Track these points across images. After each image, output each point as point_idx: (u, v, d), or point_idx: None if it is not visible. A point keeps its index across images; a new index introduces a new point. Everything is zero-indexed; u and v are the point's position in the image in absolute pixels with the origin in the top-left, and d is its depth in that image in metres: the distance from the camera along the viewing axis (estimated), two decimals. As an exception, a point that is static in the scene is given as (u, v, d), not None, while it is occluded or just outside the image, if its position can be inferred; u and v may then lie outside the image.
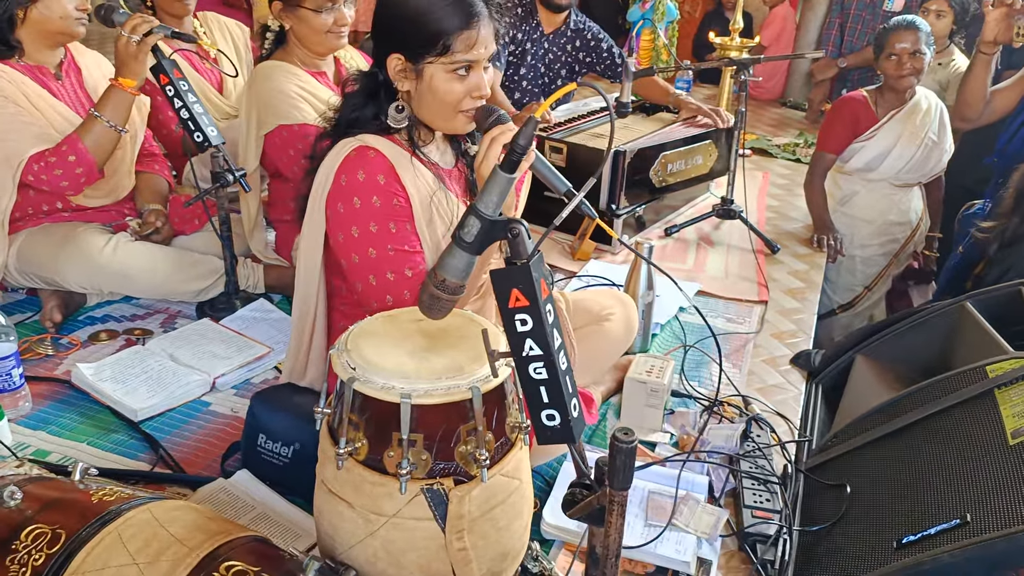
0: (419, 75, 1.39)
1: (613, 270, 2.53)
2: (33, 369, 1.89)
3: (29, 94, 1.99)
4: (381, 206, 1.38)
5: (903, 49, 2.68)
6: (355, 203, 1.38)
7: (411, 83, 1.41)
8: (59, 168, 1.96)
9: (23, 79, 1.99)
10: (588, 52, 3.27)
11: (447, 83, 1.38)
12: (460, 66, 1.37)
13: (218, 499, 1.49)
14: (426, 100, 1.41)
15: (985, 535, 1.17)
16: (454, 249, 1.03)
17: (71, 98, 2.10)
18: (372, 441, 1.08)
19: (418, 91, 1.41)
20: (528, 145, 1.01)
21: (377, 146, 1.40)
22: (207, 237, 2.30)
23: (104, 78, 2.19)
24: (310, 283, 1.51)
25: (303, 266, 1.51)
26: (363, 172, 1.38)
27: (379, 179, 1.38)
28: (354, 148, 1.40)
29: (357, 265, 1.40)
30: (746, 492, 1.56)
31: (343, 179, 1.39)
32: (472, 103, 1.40)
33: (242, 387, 1.90)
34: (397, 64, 1.39)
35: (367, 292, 1.41)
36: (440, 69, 1.37)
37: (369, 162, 1.39)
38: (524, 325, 0.98)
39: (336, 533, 1.13)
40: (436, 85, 1.38)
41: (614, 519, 0.93)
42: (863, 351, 1.98)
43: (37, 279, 2.08)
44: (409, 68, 1.39)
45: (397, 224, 1.40)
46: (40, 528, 1.03)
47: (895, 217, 2.94)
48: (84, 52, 2.21)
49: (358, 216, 1.38)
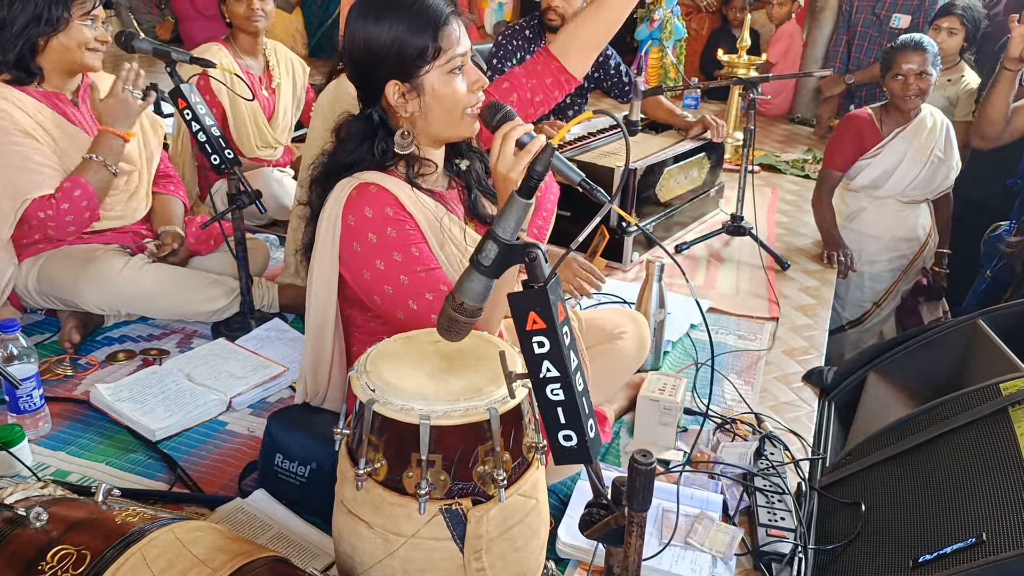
0: (420, 90, 1.41)
1: (624, 288, 2.54)
2: (52, 390, 1.91)
3: (45, 122, 2.02)
4: (397, 235, 1.39)
5: (909, 70, 2.70)
6: (371, 239, 1.39)
7: (415, 102, 1.42)
8: (66, 203, 2.00)
9: (39, 106, 2.03)
10: (596, 68, 3.30)
11: (449, 84, 1.40)
12: (453, 65, 1.40)
13: (236, 519, 1.51)
14: (433, 112, 1.42)
15: (1001, 554, 1.17)
16: (472, 273, 1.04)
17: (87, 123, 2.14)
18: (391, 462, 1.10)
19: (423, 107, 1.42)
20: (545, 172, 1.03)
21: (376, 180, 1.41)
22: (222, 257, 2.33)
23: None
24: (325, 326, 1.49)
25: (315, 312, 1.49)
26: (370, 208, 1.39)
27: (387, 211, 1.39)
28: (354, 187, 1.40)
29: (392, 295, 1.40)
30: (761, 510, 1.56)
31: (351, 219, 1.40)
32: (475, 98, 1.43)
33: (258, 406, 1.92)
34: (396, 90, 1.40)
35: (410, 318, 1.40)
36: (438, 74, 1.40)
37: (373, 197, 1.40)
38: (541, 347, 0.99)
39: (355, 553, 1.14)
40: (440, 90, 1.40)
41: (633, 540, 0.94)
42: (876, 368, 1.98)
43: (56, 301, 2.11)
44: (408, 88, 1.40)
45: (417, 247, 1.41)
46: (66, 549, 1.04)
47: (903, 233, 2.95)
48: (101, 76, 2.26)
49: (378, 250, 1.39)
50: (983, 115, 2.70)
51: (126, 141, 2.09)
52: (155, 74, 4.48)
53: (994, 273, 2.74)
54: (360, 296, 1.47)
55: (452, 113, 1.43)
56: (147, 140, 2.29)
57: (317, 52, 5.52)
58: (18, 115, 1.98)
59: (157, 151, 2.33)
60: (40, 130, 2.01)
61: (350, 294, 1.49)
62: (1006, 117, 2.65)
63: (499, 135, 1.28)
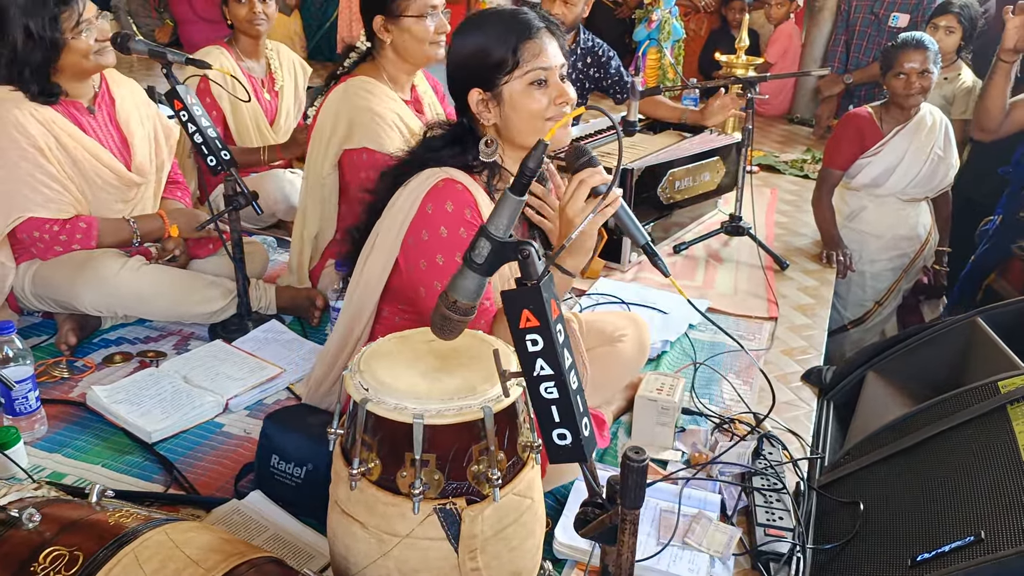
0: (500, 100, 1.43)
1: (622, 288, 2.54)
2: (49, 392, 1.91)
3: (59, 133, 2.03)
4: (467, 238, 1.40)
5: (912, 69, 2.69)
6: (442, 232, 1.41)
7: (495, 111, 1.45)
8: (63, 235, 2.05)
9: (54, 117, 2.03)
10: (598, 68, 3.30)
11: (528, 96, 1.42)
12: (535, 78, 1.41)
13: (232, 520, 1.50)
14: (513, 122, 1.44)
15: (1000, 552, 1.17)
16: (465, 271, 1.04)
17: (102, 132, 2.14)
18: (385, 461, 1.09)
19: (503, 117, 1.45)
20: (537, 168, 1.02)
21: (463, 181, 1.44)
22: (219, 259, 2.33)
23: (136, 108, 2.24)
24: (366, 306, 1.52)
25: (363, 290, 1.51)
26: (451, 203, 1.41)
27: (466, 212, 1.42)
28: (442, 179, 1.43)
29: (438, 292, 1.41)
30: (759, 510, 1.55)
31: (429, 208, 1.42)
32: (557, 111, 1.44)
33: (255, 408, 1.91)
34: (477, 97, 1.44)
35: None
36: (517, 85, 1.42)
37: (457, 194, 1.42)
38: (535, 345, 0.99)
39: (350, 554, 1.13)
40: (518, 100, 1.42)
41: (626, 538, 0.93)
42: (874, 367, 1.97)
43: (53, 303, 2.11)
44: (488, 97, 1.44)
45: None
46: (58, 550, 1.04)
47: (903, 232, 2.94)
48: (120, 82, 2.25)
49: (444, 246, 1.41)
50: (981, 107, 2.69)
51: (167, 236, 2.19)
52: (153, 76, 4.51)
53: (975, 258, 2.74)
54: (406, 284, 1.49)
55: (532, 122, 1.44)
56: (160, 148, 2.30)
57: (315, 54, 5.53)
58: (33, 128, 1.98)
59: (168, 159, 2.34)
60: (53, 142, 2.01)
61: (388, 283, 1.50)
62: (1004, 109, 2.65)
63: (576, 179, 1.30)
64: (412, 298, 1.49)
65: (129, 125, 2.19)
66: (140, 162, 2.20)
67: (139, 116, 2.24)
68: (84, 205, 2.10)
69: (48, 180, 2.01)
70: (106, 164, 2.11)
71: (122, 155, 2.17)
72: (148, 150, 2.24)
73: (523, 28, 1.41)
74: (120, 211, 2.18)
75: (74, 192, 2.07)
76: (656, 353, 2.20)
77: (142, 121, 2.25)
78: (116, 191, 2.16)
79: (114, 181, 2.14)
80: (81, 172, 2.07)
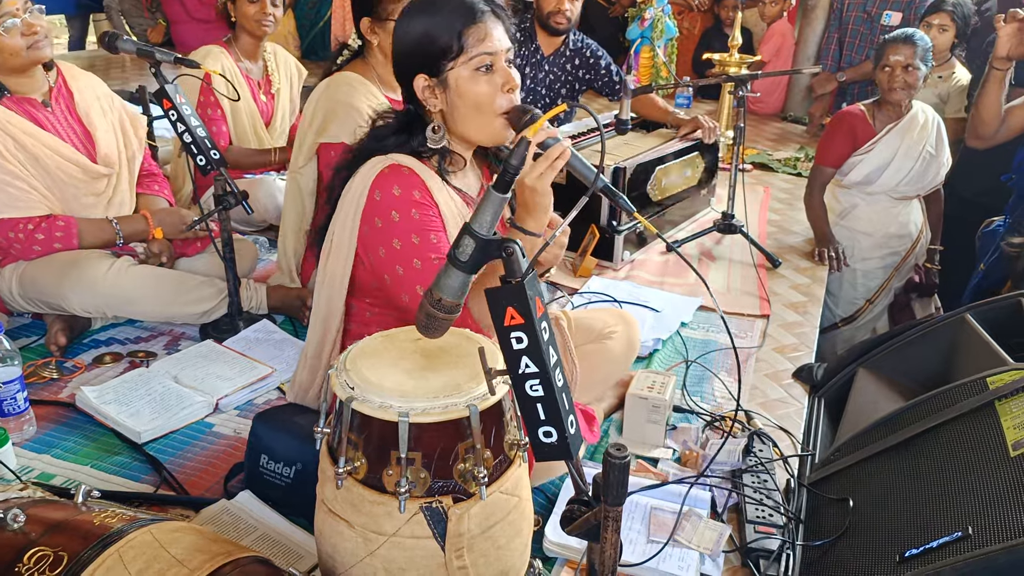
0: (445, 86, 1.41)
1: (615, 286, 2.54)
2: (38, 393, 1.90)
3: (14, 132, 2.00)
4: (420, 218, 1.40)
5: (896, 61, 2.70)
6: (393, 216, 1.40)
7: (441, 98, 1.42)
8: (39, 234, 2.03)
9: (8, 116, 2.00)
10: (588, 70, 3.29)
11: (473, 83, 1.39)
12: (480, 63, 1.38)
13: (221, 520, 1.50)
14: (460, 110, 1.42)
15: (987, 548, 1.17)
16: (449, 268, 1.04)
17: (61, 126, 2.12)
18: (371, 460, 1.09)
19: (450, 104, 1.42)
20: (520, 166, 1.02)
21: (409, 165, 1.43)
22: (210, 259, 2.32)
23: (97, 100, 2.21)
24: (335, 304, 1.51)
25: (329, 288, 1.51)
26: (399, 187, 1.40)
27: (415, 194, 1.40)
28: (388, 165, 1.42)
29: (402, 277, 1.41)
30: (749, 507, 1.55)
31: (377, 195, 1.41)
32: (507, 100, 1.40)
33: (245, 408, 1.91)
34: (423, 84, 1.42)
35: (415, 302, 1.38)
36: (462, 71, 1.39)
37: (404, 177, 1.41)
38: (520, 343, 0.98)
39: (336, 553, 1.13)
40: (463, 88, 1.39)
41: (609, 535, 0.93)
42: (865, 364, 1.97)
43: (41, 304, 2.10)
44: (434, 83, 1.41)
45: (436, 235, 1.41)
46: (43, 551, 1.04)
47: (895, 230, 2.95)
48: (77, 76, 2.22)
49: (398, 230, 1.40)
50: (976, 116, 2.69)
51: (151, 238, 2.19)
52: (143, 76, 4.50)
53: (987, 266, 2.74)
54: (366, 275, 1.48)
55: (479, 113, 1.41)
56: (128, 140, 2.27)
57: (309, 54, 5.52)
58: None
59: (139, 151, 2.31)
60: (10, 142, 1.99)
61: (353, 278, 1.50)
62: (999, 116, 2.65)
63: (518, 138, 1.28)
64: (379, 288, 1.48)
65: (90, 117, 2.17)
66: (105, 153, 2.17)
67: (100, 107, 2.21)
68: (54, 202, 2.08)
69: (10, 179, 1.99)
70: (68, 158, 2.09)
71: (85, 147, 2.15)
72: (114, 141, 2.21)
73: (468, 12, 1.38)
74: (91, 205, 2.16)
75: (40, 189, 2.04)
76: (648, 351, 2.20)
77: (104, 112, 2.22)
78: (83, 184, 2.13)
79: (79, 174, 2.11)
80: (44, 168, 2.04)
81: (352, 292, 1.52)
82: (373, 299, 1.53)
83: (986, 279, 2.78)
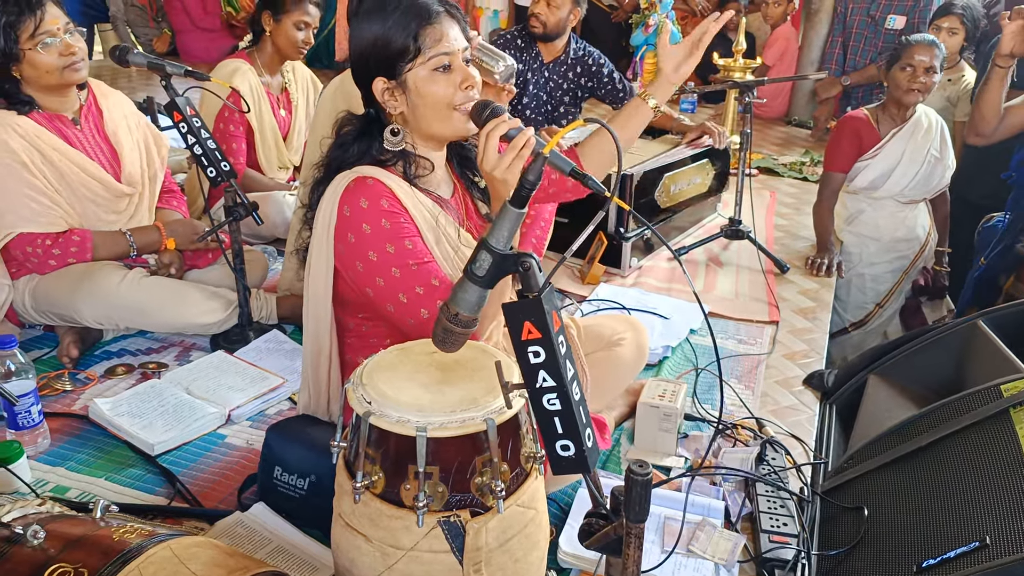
0: (405, 88, 1.41)
1: (623, 293, 2.54)
2: (51, 405, 1.91)
3: (43, 147, 2.01)
4: (391, 227, 1.39)
5: (920, 62, 2.70)
6: (365, 230, 1.39)
7: (401, 99, 1.42)
8: (56, 249, 2.04)
9: (39, 131, 2.02)
10: (589, 78, 3.30)
11: (431, 83, 1.39)
12: (438, 64, 1.38)
13: (235, 533, 1.50)
14: (420, 109, 1.42)
15: (1005, 558, 1.16)
16: (466, 283, 1.04)
17: (89, 144, 2.13)
18: (388, 474, 1.09)
19: (410, 105, 1.42)
20: (537, 181, 1.02)
21: (374, 175, 1.42)
22: (220, 269, 2.33)
23: (124, 119, 2.23)
24: (322, 322, 1.51)
25: (314, 306, 1.51)
26: (365, 199, 1.40)
27: (382, 203, 1.40)
28: (352, 180, 1.42)
29: (383, 288, 1.40)
30: (763, 516, 1.55)
31: (346, 210, 1.40)
32: (465, 97, 1.41)
33: (257, 419, 1.91)
34: (382, 86, 1.41)
35: (400, 311, 1.40)
36: (420, 72, 1.39)
37: (369, 189, 1.40)
38: (537, 357, 0.99)
39: (354, 567, 1.13)
40: (422, 88, 1.40)
41: (632, 551, 0.93)
42: (876, 371, 1.97)
43: (54, 316, 2.11)
44: (393, 85, 1.41)
45: (411, 240, 1.41)
46: (63, 567, 1.04)
47: (902, 234, 2.95)
48: (108, 93, 2.24)
49: (372, 241, 1.39)
50: (977, 112, 2.70)
51: (163, 249, 2.20)
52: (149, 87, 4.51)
53: (988, 260, 2.74)
54: (353, 290, 1.47)
55: (438, 110, 1.41)
56: (151, 159, 2.29)
57: (313, 62, 5.53)
58: (15, 143, 1.97)
59: (161, 170, 2.33)
60: (38, 156, 2.00)
61: (342, 295, 1.49)
62: (999, 114, 2.66)
63: (483, 133, 1.27)
64: (367, 303, 1.48)
65: (117, 136, 2.18)
66: (130, 172, 2.18)
67: (127, 126, 2.23)
68: (75, 218, 2.10)
69: (35, 195, 2.00)
70: (93, 176, 2.10)
71: (111, 166, 2.16)
72: (139, 160, 2.23)
73: (423, 13, 1.38)
74: (112, 223, 2.17)
75: (63, 205, 2.06)
76: (657, 359, 2.20)
77: (131, 131, 2.23)
78: (106, 203, 2.15)
79: (103, 192, 2.13)
80: (68, 185, 2.06)
81: (345, 309, 1.52)
82: (365, 314, 1.52)
83: (987, 271, 2.79)
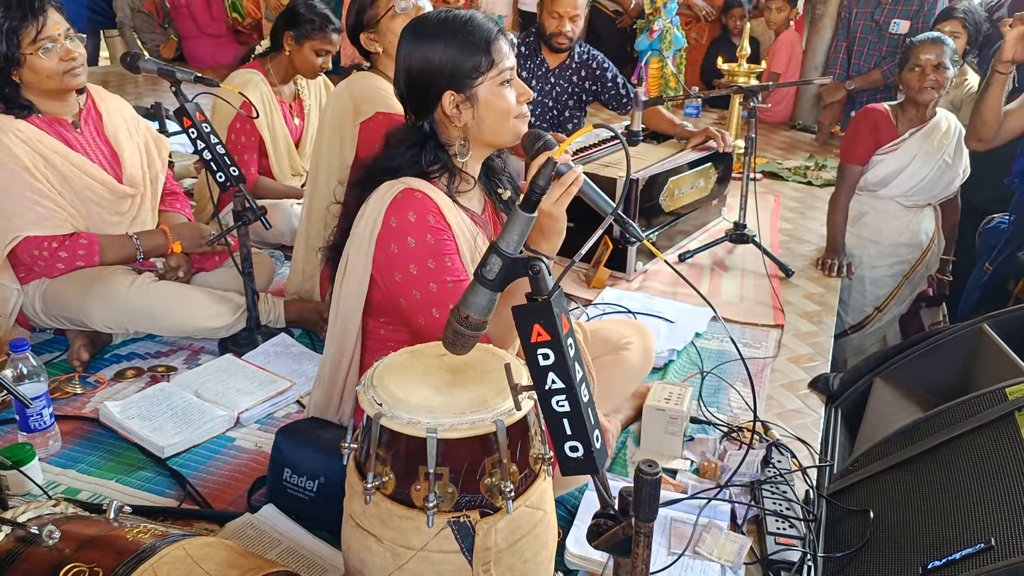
0: (474, 100, 1.47)
1: (628, 297, 2.55)
2: (61, 408, 1.92)
3: (45, 151, 2.03)
4: (435, 243, 1.43)
5: (927, 61, 2.71)
6: (409, 243, 1.43)
7: (468, 112, 1.48)
8: (63, 252, 2.06)
9: (40, 135, 2.03)
10: (594, 82, 3.32)
11: (500, 95, 1.47)
12: (505, 77, 1.47)
13: (245, 534, 1.51)
14: (487, 120, 1.49)
15: (1011, 559, 1.17)
16: (476, 286, 1.06)
17: (89, 147, 2.15)
18: (399, 475, 1.11)
19: (476, 116, 1.48)
20: (547, 186, 1.04)
21: (422, 188, 1.46)
22: (228, 273, 2.34)
23: (124, 122, 2.25)
24: (350, 325, 1.54)
25: (344, 309, 1.53)
26: (413, 213, 1.44)
27: (429, 219, 1.44)
28: (400, 191, 1.45)
29: (418, 301, 1.44)
30: (769, 519, 1.56)
31: (392, 221, 1.44)
32: (521, 108, 1.50)
33: (266, 422, 1.93)
34: (452, 100, 1.47)
35: (430, 324, 1.44)
36: (491, 84, 1.47)
37: (418, 203, 1.44)
38: (546, 359, 1.00)
39: (365, 568, 1.14)
40: (492, 100, 1.47)
41: (640, 551, 0.94)
42: (882, 374, 1.98)
43: (64, 320, 2.13)
44: (462, 98, 1.47)
45: (451, 257, 1.45)
46: (78, 567, 1.05)
47: (904, 239, 2.94)
48: (106, 97, 2.26)
49: (414, 255, 1.43)
50: (977, 117, 2.71)
51: (170, 252, 2.20)
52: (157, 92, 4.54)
53: (995, 267, 2.74)
54: (385, 297, 1.50)
55: (503, 120, 1.49)
56: (152, 161, 2.30)
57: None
58: (17, 148, 1.98)
59: (162, 171, 2.34)
60: (40, 161, 2.02)
61: (371, 300, 1.52)
62: (999, 118, 2.67)
63: (534, 165, 1.30)
64: (395, 309, 1.51)
65: (118, 138, 2.20)
66: (131, 174, 2.20)
67: (127, 129, 2.25)
68: (79, 220, 2.11)
69: (39, 198, 2.01)
70: (95, 178, 2.12)
71: (112, 168, 2.18)
72: (139, 162, 2.24)
73: (489, 31, 1.47)
74: (115, 224, 2.19)
75: (67, 208, 2.07)
76: (663, 362, 2.21)
77: (131, 133, 2.25)
78: (109, 204, 2.16)
79: (105, 195, 2.15)
80: (71, 187, 2.07)
81: (368, 312, 1.54)
82: (387, 318, 1.55)
83: (994, 278, 2.79)
